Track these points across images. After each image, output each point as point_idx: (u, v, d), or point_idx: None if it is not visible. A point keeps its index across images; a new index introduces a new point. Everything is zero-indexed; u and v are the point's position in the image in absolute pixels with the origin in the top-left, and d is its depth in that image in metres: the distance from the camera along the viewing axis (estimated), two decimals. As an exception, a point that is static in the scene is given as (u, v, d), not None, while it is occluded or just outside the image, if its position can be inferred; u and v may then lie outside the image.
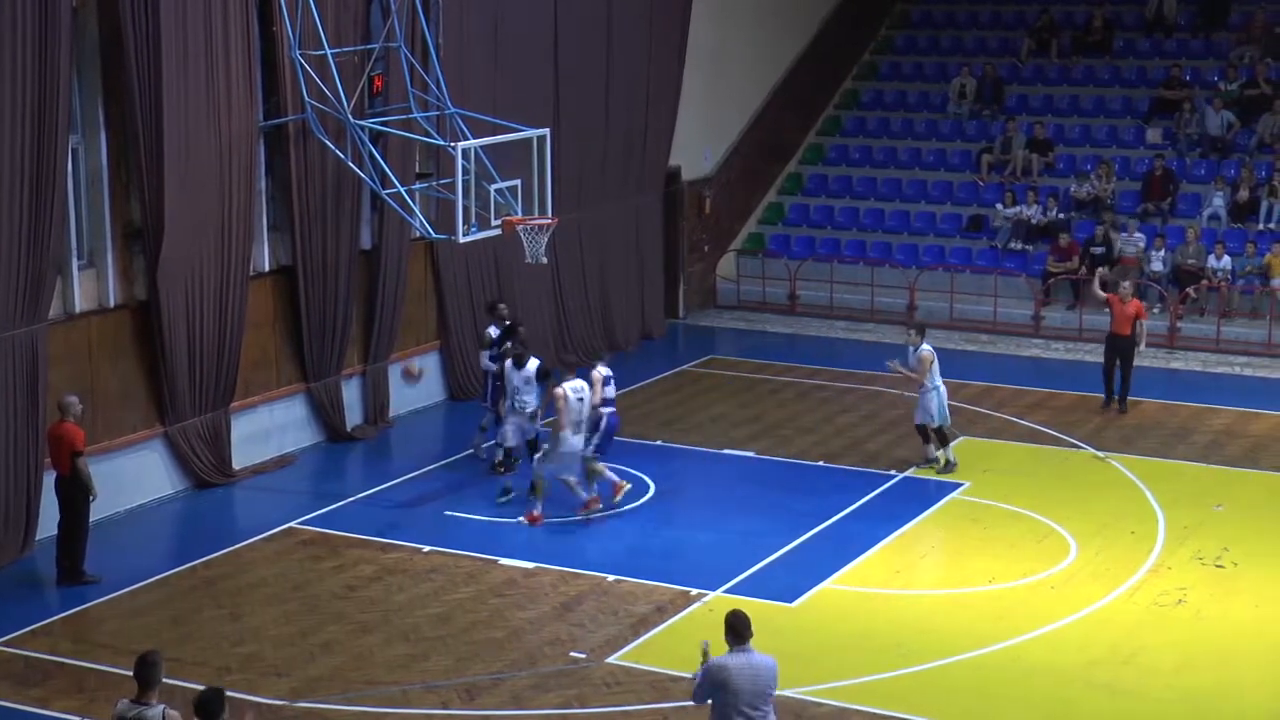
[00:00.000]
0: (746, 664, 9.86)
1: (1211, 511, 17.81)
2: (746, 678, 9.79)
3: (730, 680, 9.76)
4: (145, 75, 17.14)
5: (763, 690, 9.83)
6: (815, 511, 17.76)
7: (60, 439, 15.63)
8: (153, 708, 9.73)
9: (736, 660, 9.84)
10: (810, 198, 30.10)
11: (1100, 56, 30.85)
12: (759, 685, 9.83)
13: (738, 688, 9.74)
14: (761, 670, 9.90)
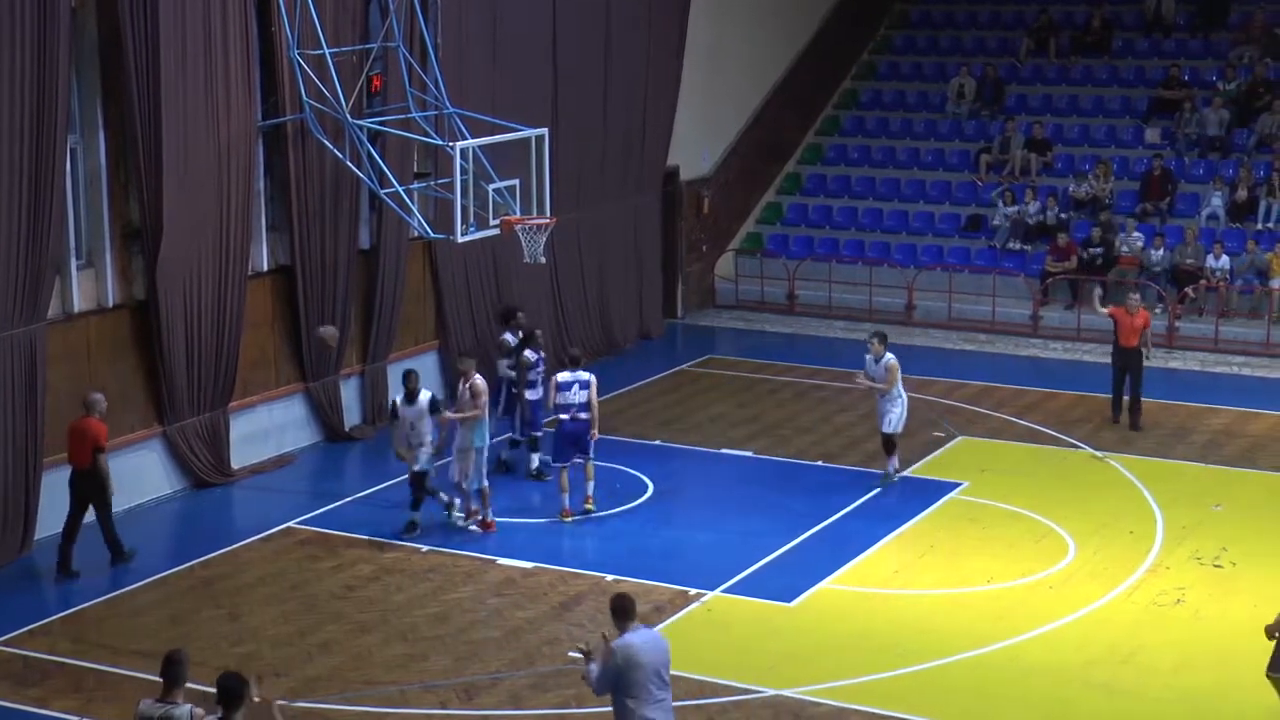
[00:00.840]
0: (648, 638, 10.28)
1: (1210, 511, 17.82)
2: (650, 650, 10.15)
3: (637, 655, 10.06)
4: (144, 75, 17.14)
5: (665, 661, 10.24)
6: (813, 511, 17.76)
7: (84, 433, 15.80)
8: (179, 707, 9.73)
9: (639, 636, 10.20)
10: (809, 197, 30.10)
11: (1099, 56, 30.86)
12: (662, 656, 10.22)
13: (645, 661, 10.07)
14: (660, 642, 10.34)
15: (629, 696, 10.03)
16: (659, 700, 10.09)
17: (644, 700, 10.02)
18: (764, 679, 13.56)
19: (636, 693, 10.02)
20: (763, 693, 13.34)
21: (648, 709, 10.03)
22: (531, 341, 18.93)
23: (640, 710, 10.01)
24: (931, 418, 21.22)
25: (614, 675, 10.06)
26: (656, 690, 10.09)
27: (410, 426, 16.88)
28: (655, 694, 10.07)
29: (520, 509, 17.76)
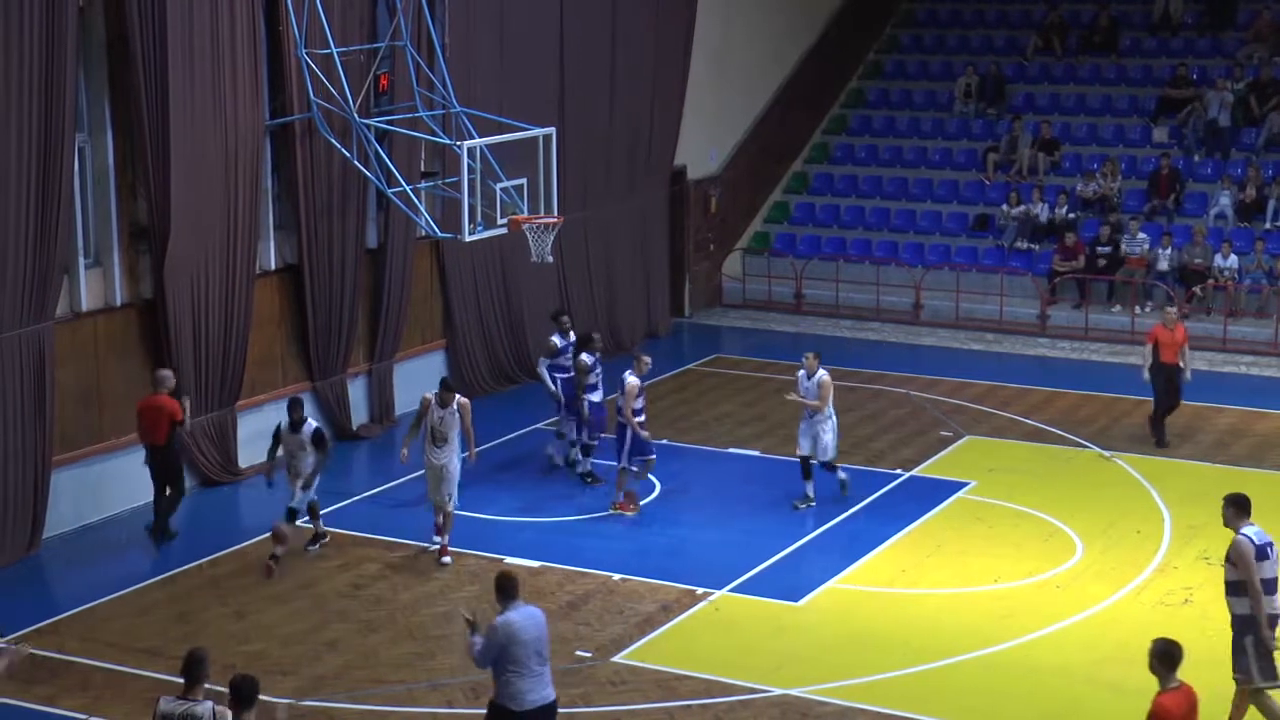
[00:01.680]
0: (527, 615, 10.77)
1: (1218, 511, 17.70)
2: (530, 627, 10.70)
3: (517, 632, 10.61)
4: (151, 74, 17.16)
5: (543, 636, 10.79)
6: (820, 510, 17.76)
7: (160, 409, 16.32)
8: (201, 704, 9.78)
9: (518, 614, 10.71)
10: (816, 196, 30.09)
11: (1106, 55, 30.83)
12: (541, 632, 10.77)
13: (525, 638, 10.63)
14: (539, 618, 10.86)
15: (510, 670, 10.63)
16: (537, 674, 10.71)
17: (524, 674, 10.63)
18: (771, 678, 13.57)
19: (517, 667, 10.62)
20: (770, 692, 13.35)
21: (526, 682, 10.65)
22: (589, 345, 18.77)
23: (520, 683, 10.64)
24: (938, 417, 21.21)
25: (496, 650, 10.63)
26: (536, 665, 10.69)
27: (291, 455, 16.07)
28: (535, 668, 10.68)
29: (527, 508, 17.75)
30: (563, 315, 19.57)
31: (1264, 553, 11.90)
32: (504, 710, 10.71)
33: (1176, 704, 9.73)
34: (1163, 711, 9.68)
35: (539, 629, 10.75)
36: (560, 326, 19.24)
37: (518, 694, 10.66)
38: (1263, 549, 11.92)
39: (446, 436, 16.08)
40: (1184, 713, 9.74)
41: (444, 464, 16.05)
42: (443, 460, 16.06)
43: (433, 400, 16.14)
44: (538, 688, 10.72)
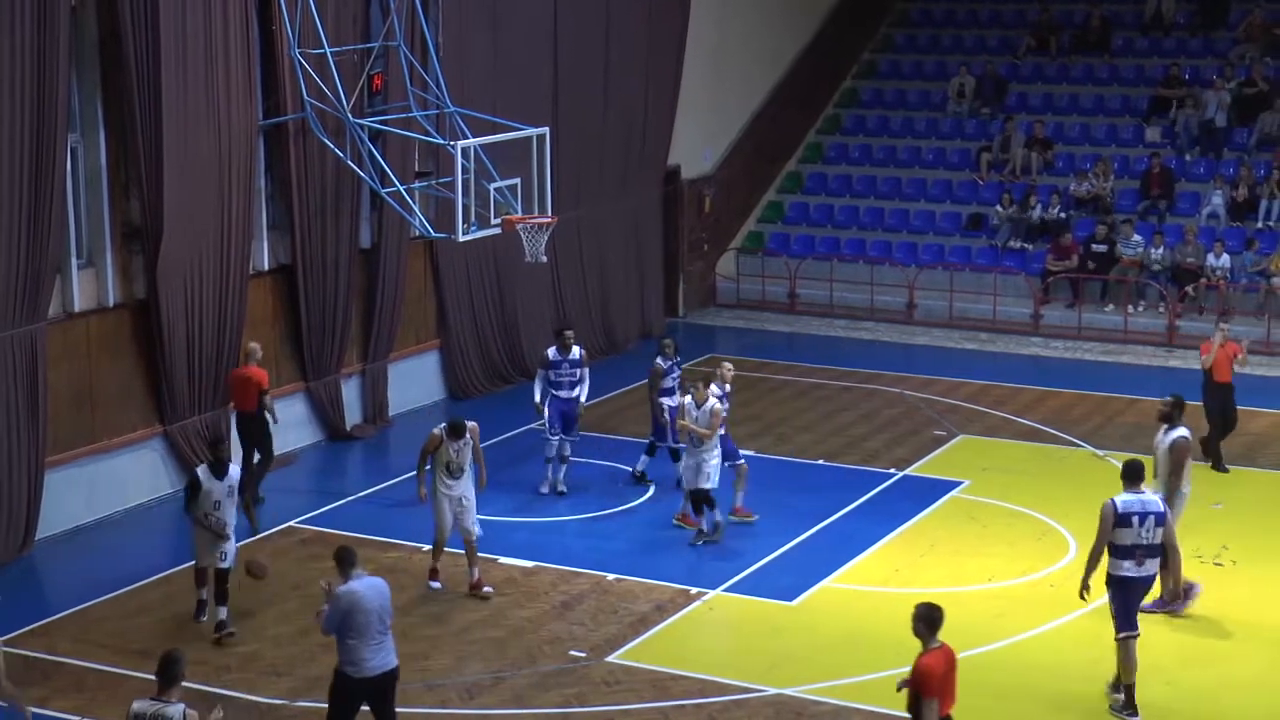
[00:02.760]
0: (369, 585, 11.35)
1: (1210, 509, 17.81)
2: (372, 596, 11.28)
3: (360, 601, 11.18)
4: (144, 74, 17.14)
5: (386, 606, 11.36)
6: (814, 510, 17.76)
7: (249, 379, 17.55)
8: (173, 705, 9.84)
9: (360, 583, 11.28)
10: (810, 196, 30.10)
11: (1099, 55, 30.86)
12: (383, 601, 11.34)
13: (368, 606, 11.20)
14: (381, 588, 11.44)
15: (352, 637, 11.20)
16: (379, 642, 11.30)
17: (366, 642, 11.20)
18: (765, 678, 13.57)
19: (359, 634, 11.19)
20: (764, 692, 13.35)
21: (368, 649, 11.23)
22: (665, 351, 18.60)
23: (362, 650, 11.22)
24: (932, 416, 21.22)
25: (339, 617, 11.18)
26: (377, 633, 11.27)
27: (215, 505, 14.32)
28: (376, 636, 11.27)
29: (520, 508, 17.74)
30: (567, 330, 18.80)
31: (1126, 520, 12.62)
32: (346, 677, 11.29)
33: (937, 662, 10.37)
34: (925, 670, 10.31)
35: (381, 598, 11.30)
36: (564, 342, 18.40)
37: (360, 660, 11.23)
38: (1125, 516, 12.63)
39: (463, 467, 15.34)
40: (944, 671, 10.39)
41: (461, 494, 15.32)
42: (459, 491, 15.31)
43: (443, 435, 15.30)
44: (379, 655, 11.29)
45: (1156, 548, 12.74)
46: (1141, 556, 12.71)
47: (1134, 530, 12.66)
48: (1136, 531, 12.66)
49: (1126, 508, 12.70)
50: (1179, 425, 14.90)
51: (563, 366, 18.25)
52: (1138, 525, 12.66)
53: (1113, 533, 12.68)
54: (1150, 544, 12.70)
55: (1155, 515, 12.73)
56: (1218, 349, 19.07)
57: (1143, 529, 12.66)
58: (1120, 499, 12.76)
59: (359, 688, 11.36)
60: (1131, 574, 12.71)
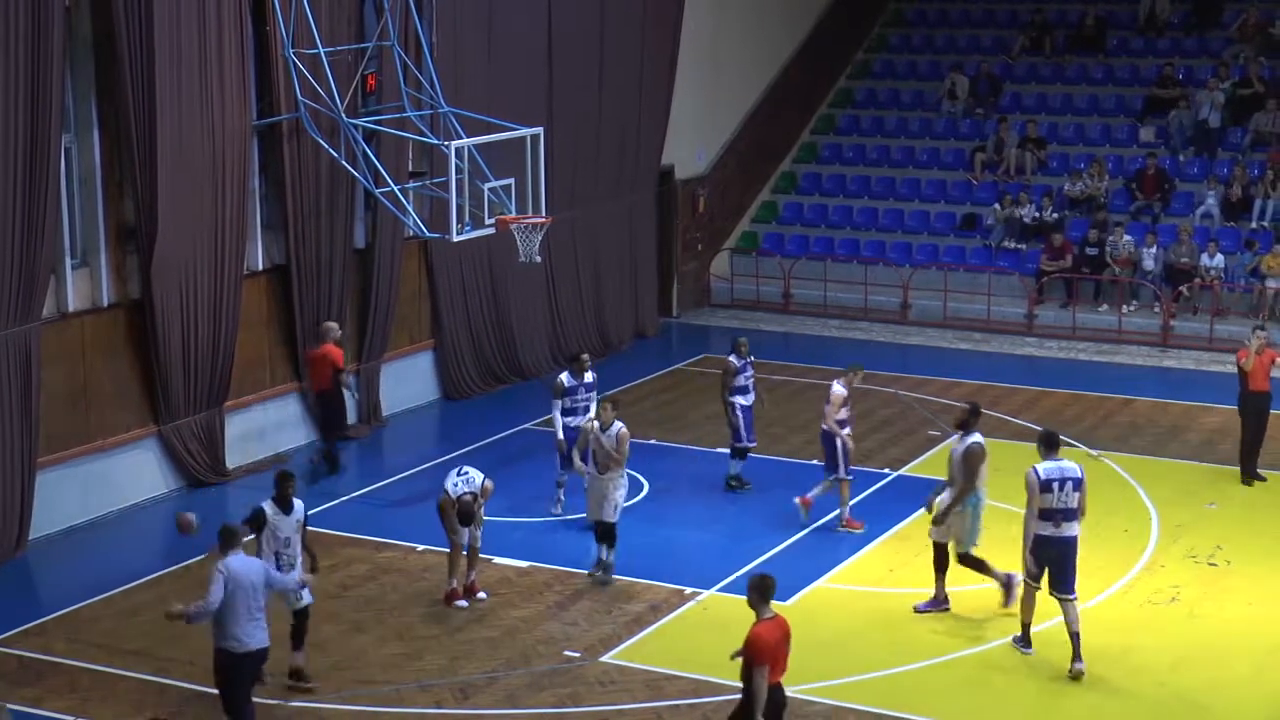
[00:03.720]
0: (245, 563, 11.83)
1: (1204, 509, 17.84)
2: (250, 574, 11.78)
3: (238, 577, 11.69)
4: (138, 74, 17.13)
5: (259, 584, 11.83)
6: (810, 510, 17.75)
7: (324, 358, 18.43)
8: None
9: (237, 561, 11.78)
10: (804, 196, 30.11)
11: (1093, 55, 30.89)
12: (257, 579, 11.82)
13: (245, 584, 11.71)
14: (256, 567, 11.96)
15: (230, 614, 11.68)
16: (256, 619, 11.80)
17: (243, 618, 11.71)
18: (759, 678, 13.55)
19: (237, 611, 11.67)
20: (758, 691, 13.33)
21: (246, 626, 11.74)
22: (739, 350, 18.43)
23: (244, 626, 11.73)
24: (927, 416, 21.23)
25: (223, 593, 11.65)
26: (255, 610, 11.77)
27: (285, 543, 13.25)
28: (254, 614, 11.77)
29: (516, 508, 17.73)
30: (584, 355, 18.08)
31: (1048, 486, 13.58)
32: (228, 653, 11.80)
33: (769, 631, 10.75)
34: (758, 639, 10.70)
35: (256, 576, 11.81)
36: (580, 366, 17.66)
37: (242, 636, 11.74)
38: (1047, 483, 13.60)
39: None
40: (776, 640, 10.78)
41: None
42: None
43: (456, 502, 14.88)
44: (255, 632, 11.80)
45: (1073, 511, 13.63)
46: (1060, 520, 13.59)
47: (1054, 495, 13.59)
48: (1056, 496, 13.59)
49: (1048, 475, 13.62)
50: (974, 432, 14.93)
51: (579, 392, 17.52)
52: (1057, 490, 13.59)
53: (1038, 498, 13.60)
54: (1068, 507, 13.60)
55: (1073, 481, 13.64)
56: (1255, 356, 18.30)
57: (1061, 494, 13.58)
58: (1041, 467, 13.68)
59: (242, 662, 11.81)
60: (1050, 534, 13.62)
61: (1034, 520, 13.64)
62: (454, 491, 14.85)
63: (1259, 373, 18.35)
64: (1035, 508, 13.63)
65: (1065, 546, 13.68)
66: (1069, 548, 13.70)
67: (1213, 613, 15.05)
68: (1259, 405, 18.46)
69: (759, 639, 10.69)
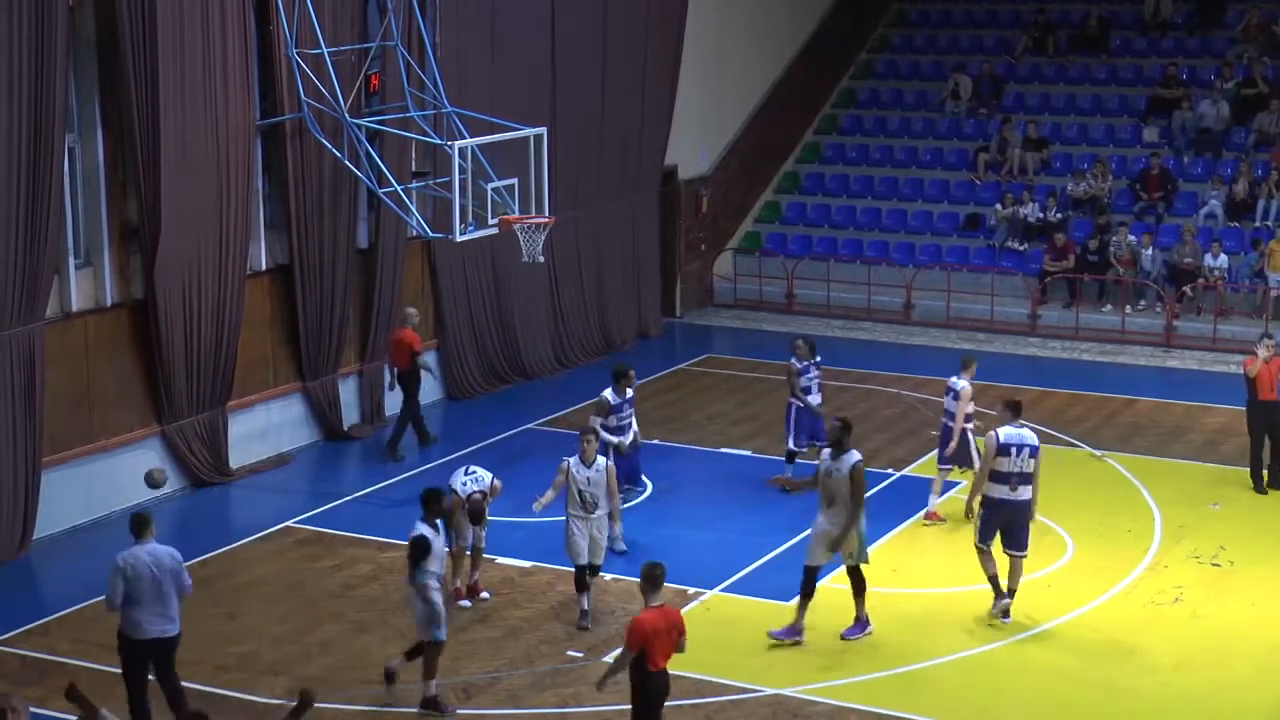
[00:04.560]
0: (149, 552, 12.01)
1: (1208, 510, 17.83)
2: (151, 563, 11.93)
3: (139, 565, 11.87)
4: (142, 74, 17.14)
5: (165, 574, 11.96)
6: (812, 510, 17.67)
7: (403, 341, 19.54)
8: None
9: (144, 549, 11.98)
10: (807, 196, 30.11)
11: (1097, 55, 30.88)
12: (160, 568, 11.95)
13: (144, 572, 11.87)
14: (159, 555, 12.03)
15: (129, 602, 11.90)
16: (155, 609, 11.90)
17: (142, 605, 11.89)
18: (762, 678, 13.58)
19: (136, 600, 11.89)
20: (761, 692, 13.35)
21: (143, 613, 11.90)
22: (798, 352, 18.37)
23: (139, 613, 11.90)
24: (930, 416, 21.22)
25: (119, 581, 11.86)
26: (155, 599, 11.88)
27: (441, 565, 13.10)
28: (153, 602, 11.88)
29: (519, 508, 17.72)
30: (630, 371, 17.38)
31: (1005, 450, 14.36)
32: (125, 638, 12.02)
33: (650, 620, 11.13)
34: (638, 624, 11.11)
35: (158, 565, 11.90)
36: (626, 383, 16.99)
37: (138, 623, 11.92)
38: (1005, 447, 14.38)
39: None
40: (655, 628, 11.12)
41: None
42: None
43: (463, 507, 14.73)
44: (155, 620, 11.94)
45: (1029, 475, 14.39)
46: (1016, 483, 14.40)
47: (1011, 459, 14.35)
48: (1013, 460, 14.35)
49: (1007, 439, 14.43)
50: (850, 449, 14.15)
51: (623, 409, 16.87)
52: (1015, 455, 14.36)
53: (994, 460, 14.36)
54: (1024, 472, 14.37)
55: (1030, 448, 14.42)
56: (1261, 364, 18.07)
57: (1019, 459, 14.35)
58: (1002, 431, 14.49)
59: (138, 648, 12.03)
60: (1005, 497, 14.44)
61: (984, 479, 14.47)
62: (463, 490, 14.85)
63: (1265, 381, 18.12)
64: (989, 468, 14.42)
65: (1019, 509, 14.48)
66: (1022, 510, 14.49)
67: (1216, 613, 15.04)
68: (1270, 416, 18.19)
69: (635, 625, 11.14)
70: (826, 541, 14.22)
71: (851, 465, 14.08)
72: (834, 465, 14.19)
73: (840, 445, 14.24)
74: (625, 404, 17.03)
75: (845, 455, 14.14)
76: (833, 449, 14.29)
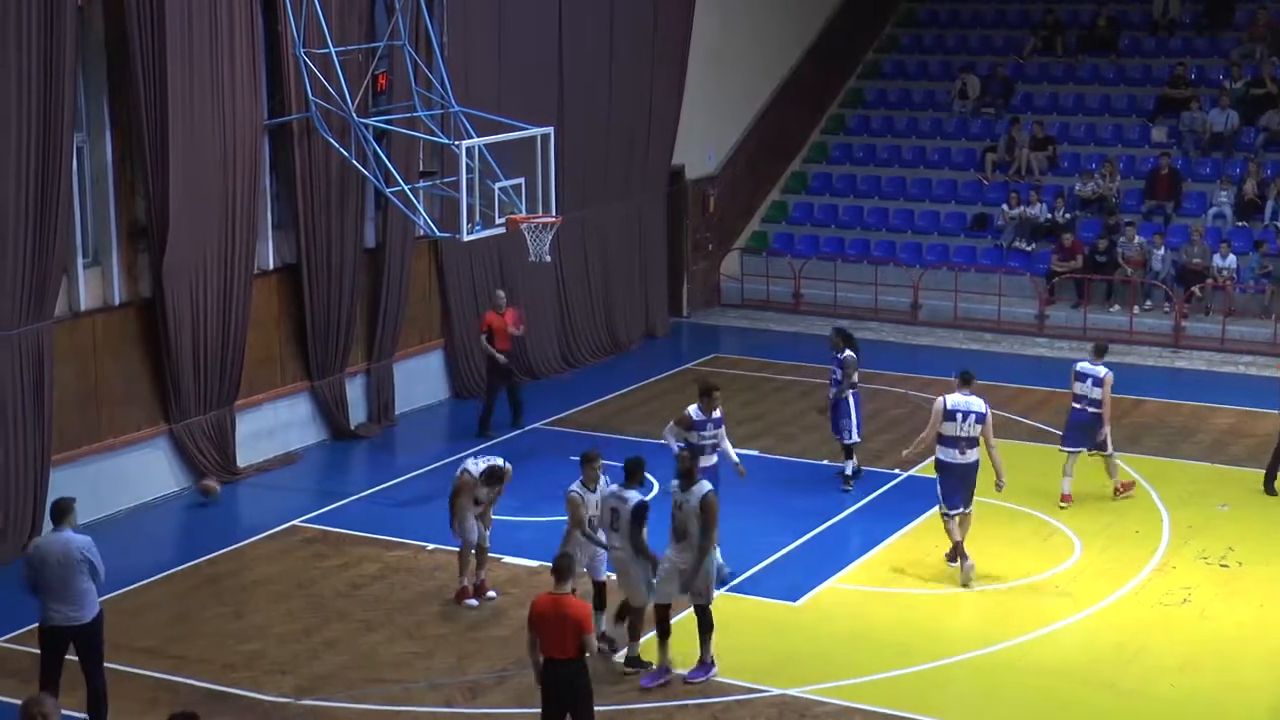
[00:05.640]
0: (55, 539, 11.97)
1: (1216, 511, 17.80)
2: (55, 551, 11.87)
3: (45, 553, 11.88)
4: (150, 73, 17.16)
5: (70, 560, 11.84)
6: (818, 510, 17.76)
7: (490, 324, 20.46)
8: None
9: (53, 537, 11.97)
10: (814, 196, 30.09)
11: (1105, 55, 30.85)
12: (67, 556, 11.85)
13: (50, 560, 11.84)
14: (64, 543, 11.91)
15: (40, 589, 11.95)
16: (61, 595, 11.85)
17: (50, 593, 11.90)
18: (768, 678, 13.57)
19: (46, 587, 11.90)
20: (767, 692, 13.35)
21: (52, 600, 11.91)
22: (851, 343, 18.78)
23: (48, 600, 11.93)
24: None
25: (29, 569, 11.93)
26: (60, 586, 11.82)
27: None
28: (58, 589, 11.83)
29: (524, 507, 17.74)
30: (715, 391, 15.92)
31: (952, 416, 15.58)
32: (39, 626, 12.13)
33: (540, 603, 11.36)
34: (532, 609, 11.40)
35: (65, 554, 11.78)
36: (711, 403, 15.72)
37: (45, 611, 11.96)
38: (951, 413, 15.60)
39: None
40: (543, 613, 11.28)
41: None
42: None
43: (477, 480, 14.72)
44: (60, 608, 11.91)
45: (974, 440, 15.56)
46: (963, 447, 15.56)
47: (957, 424, 15.55)
48: (959, 425, 15.54)
49: (954, 406, 15.61)
50: (702, 480, 13.44)
51: (706, 428, 15.67)
52: (960, 421, 15.54)
53: (941, 425, 15.55)
54: (969, 436, 15.55)
55: (975, 414, 15.57)
56: None
57: (964, 424, 15.54)
58: (950, 398, 15.67)
59: (45, 636, 12.12)
60: (953, 460, 15.57)
61: (930, 439, 15.73)
62: (475, 469, 14.85)
63: None
64: (934, 431, 15.63)
65: (966, 470, 15.63)
66: (969, 471, 15.65)
67: (1224, 614, 15.02)
68: None
69: (532, 606, 11.44)
70: (679, 580, 13.26)
71: (701, 497, 13.18)
72: (684, 497, 13.26)
73: (690, 475, 13.36)
74: (709, 423, 15.68)
75: (695, 486, 13.26)
76: (682, 479, 13.36)
